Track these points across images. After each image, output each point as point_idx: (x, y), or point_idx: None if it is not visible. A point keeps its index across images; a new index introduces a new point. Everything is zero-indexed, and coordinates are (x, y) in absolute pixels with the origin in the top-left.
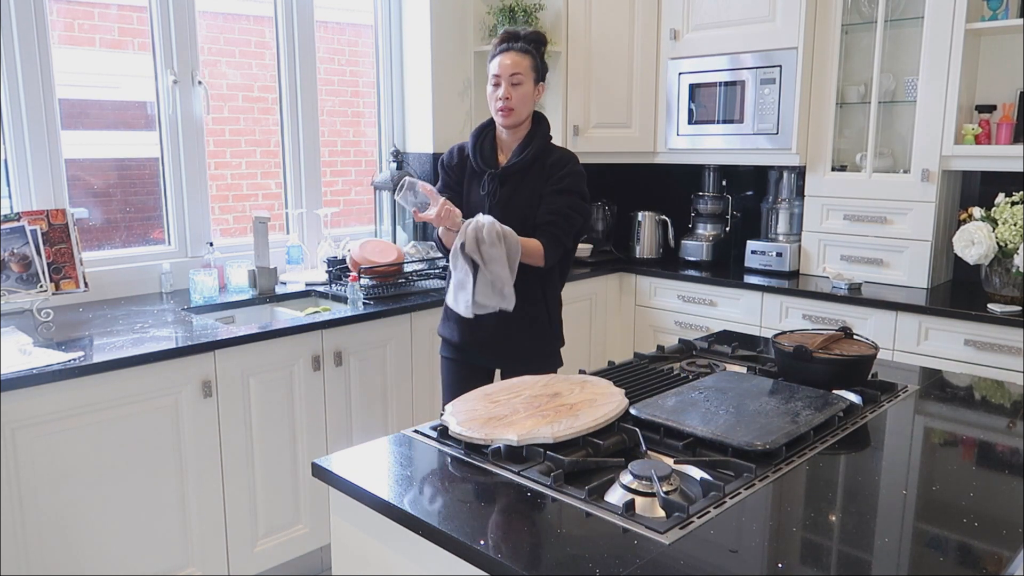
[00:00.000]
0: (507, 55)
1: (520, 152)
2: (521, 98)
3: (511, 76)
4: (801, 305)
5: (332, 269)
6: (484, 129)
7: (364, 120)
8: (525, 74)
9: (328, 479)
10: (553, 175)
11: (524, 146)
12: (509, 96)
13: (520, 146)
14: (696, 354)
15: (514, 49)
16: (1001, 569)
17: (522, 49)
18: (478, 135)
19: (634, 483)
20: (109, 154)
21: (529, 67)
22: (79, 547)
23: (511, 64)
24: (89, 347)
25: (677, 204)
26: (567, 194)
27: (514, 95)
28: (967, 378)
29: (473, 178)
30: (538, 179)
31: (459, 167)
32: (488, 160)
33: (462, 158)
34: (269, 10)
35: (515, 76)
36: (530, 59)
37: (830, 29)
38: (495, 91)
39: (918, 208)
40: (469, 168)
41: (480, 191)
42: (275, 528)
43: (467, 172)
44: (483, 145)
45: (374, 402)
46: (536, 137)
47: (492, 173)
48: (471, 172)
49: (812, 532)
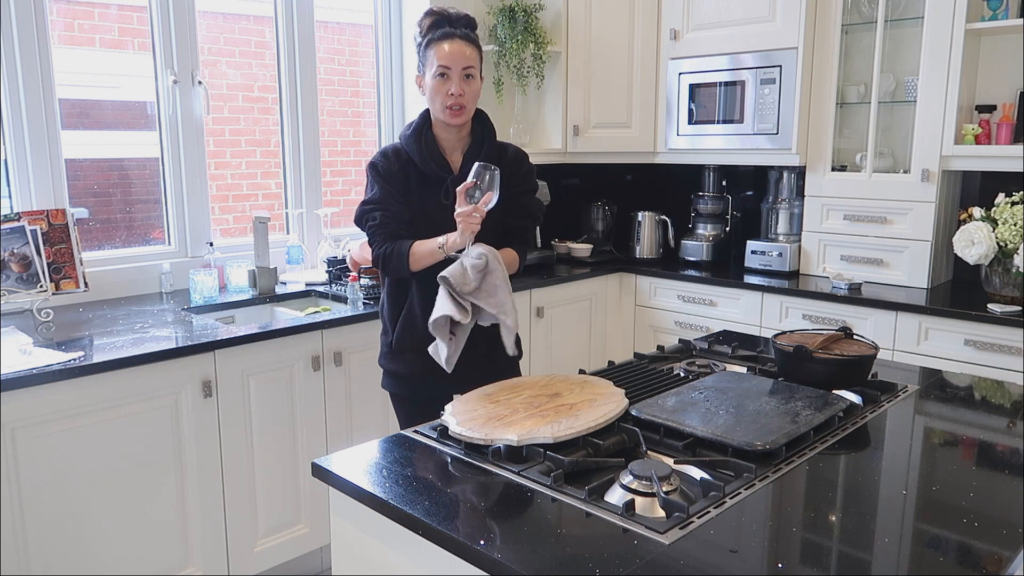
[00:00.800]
0: (454, 42)
1: (476, 153)
2: (474, 95)
3: (464, 69)
4: (801, 305)
5: (332, 269)
6: (421, 130)
7: (364, 120)
8: (476, 67)
9: (328, 479)
10: (514, 174)
11: (478, 146)
12: (463, 92)
13: (473, 146)
14: (696, 354)
15: (460, 37)
16: (1001, 569)
17: (468, 38)
18: (418, 138)
19: (634, 483)
20: (109, 154)
21: (478, 59)
22: (79, 547)
23: (461, 55)
24: (89, 347)
25: (677, 204)
26: (530, 193)
27: (467, 91)
28: (967, 378)
29: (423, 185)
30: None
31: (401, 173)
32: (441, 164)
33: (402, 163)
34: (269, 10)
35: (468, 69)
36: (478, 51)
37: (830, 29)
38: (442, 84)
39: (918, 208)
40: (414, 175)
41: (441, 199)
42: (275, 528)
43: (411, 180)
44: (427, 148)
45: (374, 402)
46: (486, 135)
47: (453, 178)
48: (419, 179)
49: (812, 532)
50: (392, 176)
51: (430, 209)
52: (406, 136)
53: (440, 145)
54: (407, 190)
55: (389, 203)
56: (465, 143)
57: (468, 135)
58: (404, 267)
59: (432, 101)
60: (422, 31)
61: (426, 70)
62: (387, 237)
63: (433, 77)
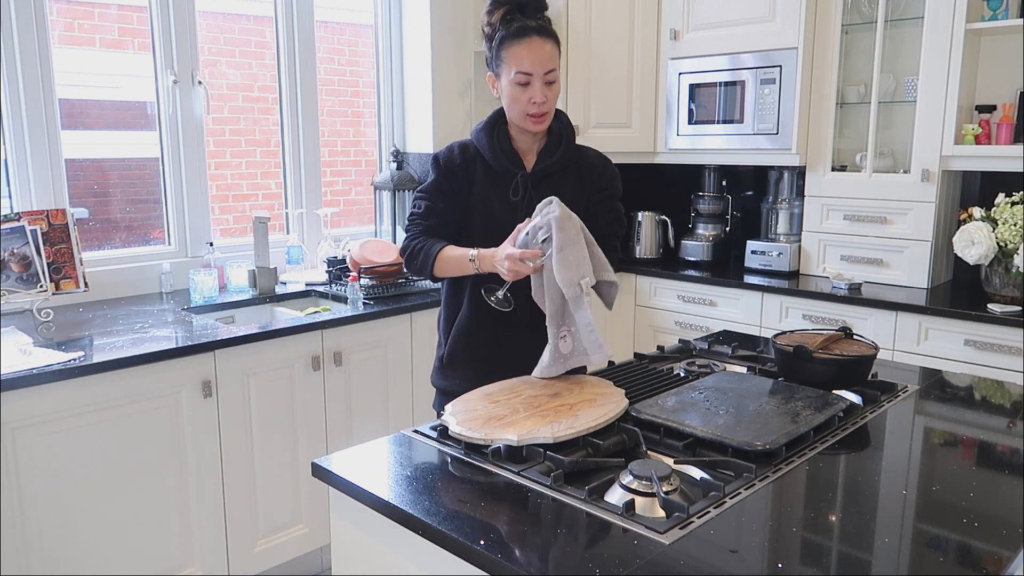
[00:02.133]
0: (533, 42)
1: (553, 152)
2: (555, 99)
3: (546, 74)
4: (801, 305)
5: (332, 269)
6: (495, 126)
7: (364, 120)
8: (557, 67)
9: (328, 479)
10: (598, 177)
11: (555, 145)
12: (546, 99)
13: (550, 145)
14: (696, 354)
15: (537, 33)
16: (1001, 569)
17: (545, 32)
18: (490, 133)
19: (634, 483)
20: (109, 154)
21: (558, 56)
22: (79, 547)
23: (543, 57)
24: (89, 347)
25: (677, 204)
26: (618, 198)
27: (550, 97)
28: (967, 378)
29: (491, 182)
30: (576, 181)
31: (463, 169)
32: (514, 160)
33: (466, 159)
34: (269, 10)
35: (551, 73)
36: (556, 44)
37: (830, 29)
38: (523, 92)
39: (918, 208)
40: (481, 171)
41: (510, 196)
42: (275, 528)
43: (476, 175)
44: (500, 144)
45: (374, 402)
46: (564, 134)
47: (524, 175)
48: (486, 176)
49: (812, 532)
50: (452, 170)
51: (495, 206)
52: (477, 130)
53: (514, 145)
54: (466, 188)
55: (438, 197)
56: (541, 144)
57: (545, 135)
58: (428, 268)
59: (510, 107)
60: (492, 25)
61: (501, 73)
62: (422, 231)
63: (511, 83)
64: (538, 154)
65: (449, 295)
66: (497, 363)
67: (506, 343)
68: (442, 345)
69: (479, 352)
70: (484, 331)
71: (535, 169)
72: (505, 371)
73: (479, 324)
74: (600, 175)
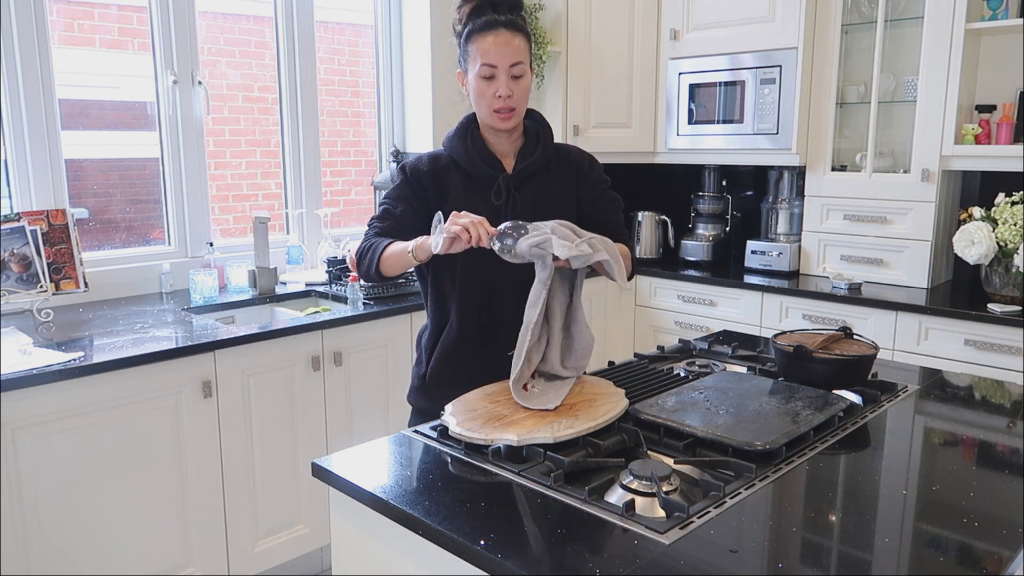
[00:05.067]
0: (499, 34)
1: (532, 152)
2: (523, 94)
3: (512, 67)
4: (801, 305)
5: (332, 269)
6: (466, 131)
7: (364, 120)
8: (525, 61)
9: (328, 479)
10: (587, 174)
11: (533, 145)
12: (512, 93)
13: (528, 145)
14: (696, 354)
15: (505, 26)
16: (1001, 569)
17: (514, 26)
18: (463, 138)
19: (634, 483)
20: (109, 154)
21: (527, 50)
22: (79, 547)
23: (508, 49)
24: (89, 347)
25: (677, 204)
26: (609, 186)
27: (516, 91)
28: (967, 378)
29: (471, 188)
30: (560, 180)
31: (431, 178)
32: (492, 163)
33: (437, 168)
34: (269, 10)
35: (516, 66)
36: (526, 39)
37: (830, 29)
38: (488, 86)
39: (918, 208)
40: (458, 179)
41: (492, 199)
42: (275, 528)
43: (451, 184)
44: (475, 148)
45: (374, 402)
46: (542, 133)
47: (506, 177)
48: (465, 183)
49: (812, 532)
50: (418, 178)
51: (479, 212)
52: (448, 138)
53: (491, 149)
54: (435, 196)
55: (398, 202)
56: (518, 145)
57: (521, 136)
58: (374, 266)
59: (477, 103)
60: (461, 19)
61: (468, 67)
62: (376, 233)
63: (476, 77)
64: (517, 155)
65: (435, 311)
66: (484, 383)
67: (493, 364)
68: (423, 363)
69: (466, 371)
70: (472, 350)
71: (516, 170)
72: (491, 366)
73: (467, 342)
74: (588, 171)
